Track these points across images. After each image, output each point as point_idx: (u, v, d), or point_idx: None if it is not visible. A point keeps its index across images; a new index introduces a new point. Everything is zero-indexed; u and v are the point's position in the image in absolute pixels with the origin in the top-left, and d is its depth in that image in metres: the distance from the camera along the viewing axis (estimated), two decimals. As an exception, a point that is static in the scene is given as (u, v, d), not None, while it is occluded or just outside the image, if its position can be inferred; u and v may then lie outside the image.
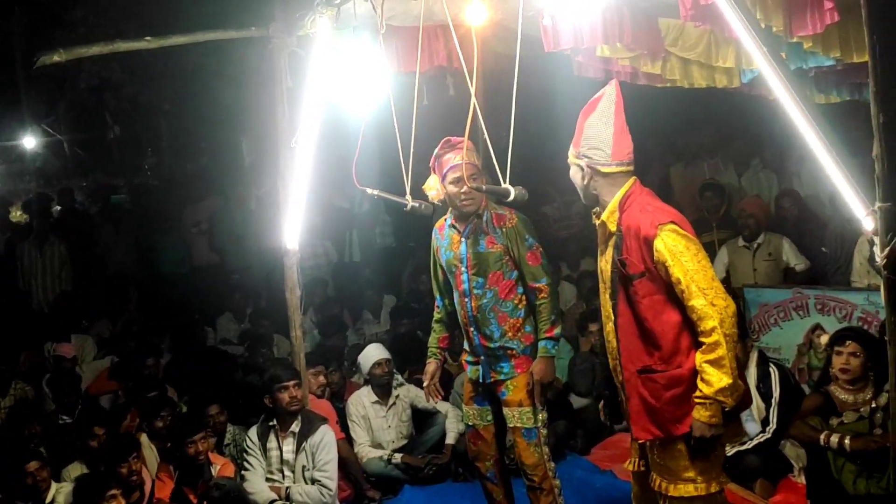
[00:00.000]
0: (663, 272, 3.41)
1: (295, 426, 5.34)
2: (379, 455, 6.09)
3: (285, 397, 5.28)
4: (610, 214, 3.58)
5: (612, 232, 3.57)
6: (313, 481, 5.27)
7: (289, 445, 5.34)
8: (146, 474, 5.38)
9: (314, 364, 6.23)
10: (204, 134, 14.36)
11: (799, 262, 6.85)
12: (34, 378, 6.93)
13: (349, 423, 6.22)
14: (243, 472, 5.37)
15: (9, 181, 16.33)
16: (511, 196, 3.87)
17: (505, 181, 3.84)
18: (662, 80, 5.08)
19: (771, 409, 5.30)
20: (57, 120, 16.63)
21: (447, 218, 4.56)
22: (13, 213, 12.64)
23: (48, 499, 5.09)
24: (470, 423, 4.65)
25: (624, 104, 3.59)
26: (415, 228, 9.25)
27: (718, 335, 3.30)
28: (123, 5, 11.73)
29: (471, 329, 4.45)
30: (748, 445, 5.33)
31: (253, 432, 5.44)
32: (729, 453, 5.27)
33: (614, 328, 3.63)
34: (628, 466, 3.86)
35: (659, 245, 3.39)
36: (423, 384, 4.89)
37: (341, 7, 4.65)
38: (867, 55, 2.56)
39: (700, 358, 3.36)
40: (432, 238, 4.66)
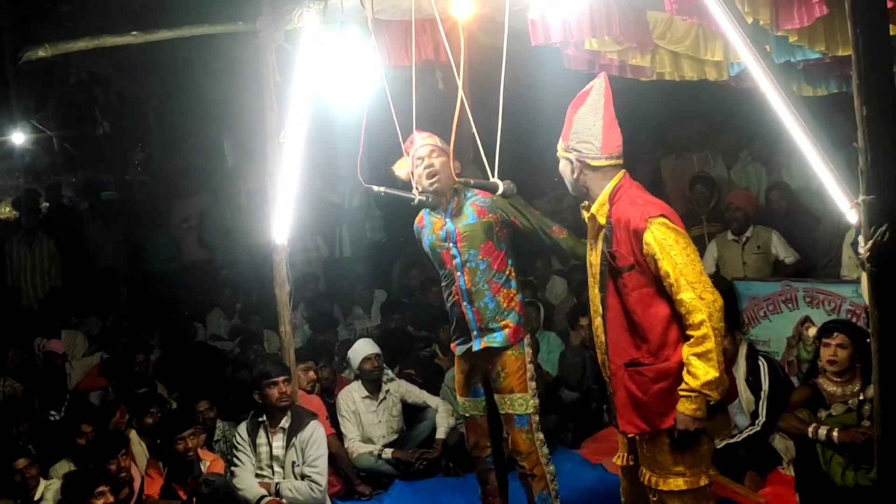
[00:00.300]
0: (652, 265, 3.41)
1: (284, 422, 5.33)
2: (369, 450, 6.09)
3: (275, 393, 5.27)
4: (599, 207, 3.57)
5: (602, 225, 3.57)
6: (303, 477, 5.26)
7: (278, 441, 5.33)
8: (135, 471, 5.37)
9: (304, 359, 6.22)
10: (193, 130, 14.31)
11: (788, 255, 6.85)
12: (23, 375, 6.90)
13: (339, 419, 6.22)
14: (233, 468, 5.35)
15: (-3, 178, 16.27)
16: (500, 190, 3.87)
17: (493, 175, 3.84)
18: (651, 74, 5.08)
19: (760, 402, 5.32)
20: (46, 116, 16.55)
21: (425, 210, 4.56)
22: (2, 210, 12.58)
23: (37, 496, 5.09)
24: (466, 415, 4.65)
25: (613, 97, 3.59)
26: (405, 224, 9.19)
27: (707, 328, 3.30)
28: (111, 0, 11.66)
29: (464, 304, 4.41)
30: (737, 438, 5.35)
31: (242, 428, 5.42)
32: (718, 446, 5.28)
33: (603, 322, 3.63)
34: (617, 461, 3.86)
35: (648, 238, 3.39)
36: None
37: (329, 1, 4.64)
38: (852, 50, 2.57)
39: (687, 351, 3.36)
40: (415, 234, 4.68)
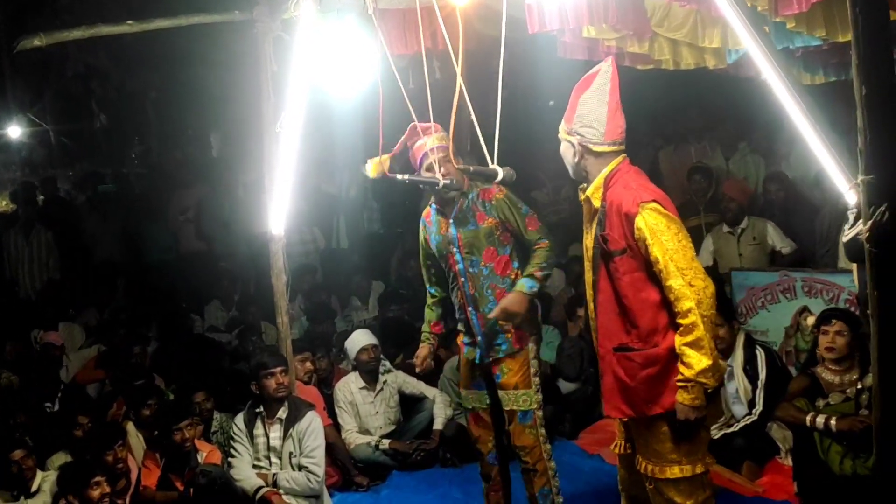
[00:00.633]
0: (643, 250, 3.39)
1: (282, 413, 5.32)
2: (367, 441, 6.09)
3: (272, 384, 5.26)
4: (595, 190, 3.55)
5: (597, 208, 3.55)
6: (300, 468, 5.25)
7: (276, 432, 5.32)
8: (132, 462, 5.37)
9: (301, 350, 6.21)
10: (191, 122, 14.25)
11: (784, 245, 6.84)
12: (19, 367, 6.89)
13: (336, 410, 6.21)
14: (230, 459, 5.34)
15: (-5, 170, 16.21)
16: (499, 177, 3.86)
17: (492, 163, 3.82)
18: (649, 61, 5.06)
19: (757, 392, 5.32)
20: (43, 109, 16.49)
21: (432, 204, 4.52)
22: (-1, 203, 12.55)
23: (33, 487, 5.08)
24: (469, 407, 4.63)
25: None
26: (402, 215, 9.23)
27: (695, 316, 3.27)
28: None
29: (469, 309, 4.40)
30: (735, 428, 5.35)
31: (240, 419, 5.41)
32: (716, 436, 5.28)
33: (594, 305, 3.63)
34: (614, 449, 3.86)
35: (640, 223, 3.37)
36: (416, 368, 4.86)
37: (326, -10, 4.62)
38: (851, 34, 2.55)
39: (679, 341, 3.34)
40: (420, 228, 4.62)
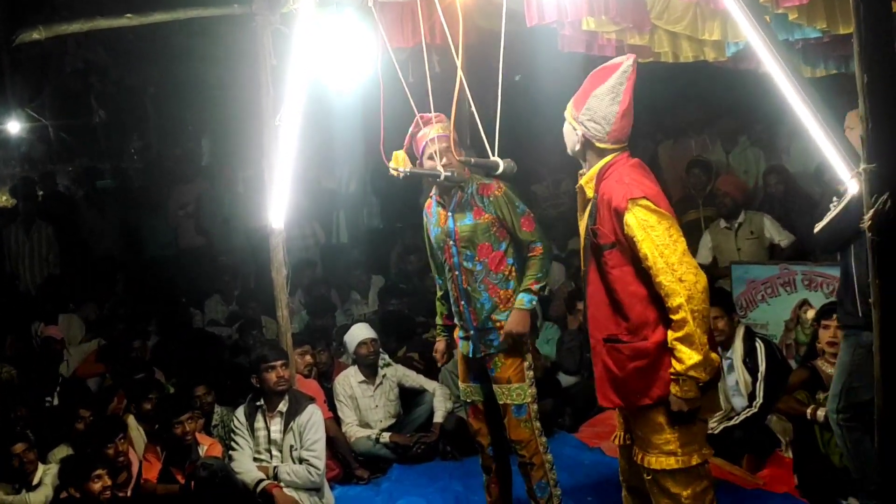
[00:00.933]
0: (632, 246, 3.37)
1: (282, 406, 5.32)
2: (367, 434, 6.09)
3: (272, 377, 5.26)
4: (589, 181, 3.54)
5: (589, 198, 3.54)
6: (301, 461, 5.25)
7: (276, 425, 5.32)
8: (133, 455, 5.38)
9: (301, 344, 6.22)
10: (190, 117, 14.24)
11: (783, 238, 6.82)
12: (19, 361, 6.89)
13: (336, 403, 6.22)
14: (230, 452, 5.34)
15: (-5, 166, 16.19)
16: (500, 169, 3.85)
17: (493, 155, 3.81)
18: (649, 54, 5.04)
19: (757, 384, 5.32)
20: (42, 104, 16.46)
21: (433, 195, 4.53)
22: (-1, 198, 12.53)
23: (35, 480, 5.09)
24: (468, 400, 4.63)
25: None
26: (401, 210, 9.23)
27: (685, 312, 3.25)
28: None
29: (462, 303, 4.41)
30: (735, 421, 5.35)
31: (240, 412, 5.41)
32: (716, 429, 5.29)
33: (586, 297, 3.63)
34: (614, 441, 3.85)
35: (629, 219, 3.34)
36: (437, 363, 5.07)
37: (325, -18, 4.61)
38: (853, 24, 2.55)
39: (671, 335, 3.33)
40: (423, 218, 4.62)
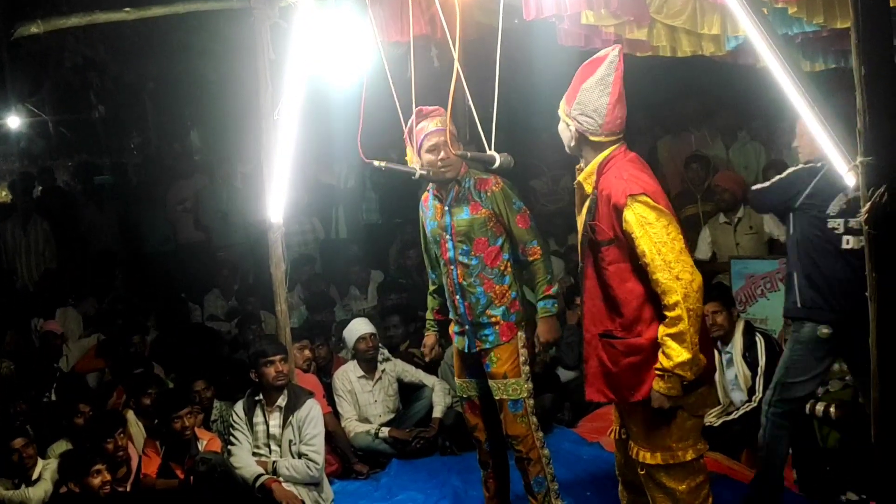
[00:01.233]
0: (630, 242, 3.36)
1: (281, 400, 5.32)
2: (366, 429, 6.10)
3: (271, 372, 5.26)
4: (587, 176, 3.53)
5: (588, 194, 3.53)
6: (300, 455, 5.25)
7: (275, 420, 5.32)
8: (133, 450, 5.38)
9: (300, 338, 6.22)
10: (189, 112, 14.23)
11: (781, 233, 6.77)
12: (18, 356, 6.89)
13: (335, 398, 6.23)
14: (229, 447, 5.34)
15: (-7, 161, 16.19)
16: (497, 163, 3.84)
17: (490, 149, 3.80)
18: (647, 48, 5.03)
19: (757, 379, 5.31)
20: (41, 100, 16.45)
21: (430, 189, 4.52)
22: (-3, 194, 12.54)
23: (34, 475, 5.10)
24: (464, 396, 4.63)
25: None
26: (400, 205, 9.22)
27: (681, 310, 3.25)
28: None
29: (457, 297, 4.41)
30: (734, 415, 5.34)
31: (239, 407, 5.41)
32: (715, 423, 5.29)
33: (583, 291, 3.63)
34: (611, 435, 3.85)
35: (628, 216, 3.33)
36: (425, 358, 4.98)
37: (323, -24, 4.60)
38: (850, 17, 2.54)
39: (662, 331, 3.32)
40: (419, 212, 4.62)
